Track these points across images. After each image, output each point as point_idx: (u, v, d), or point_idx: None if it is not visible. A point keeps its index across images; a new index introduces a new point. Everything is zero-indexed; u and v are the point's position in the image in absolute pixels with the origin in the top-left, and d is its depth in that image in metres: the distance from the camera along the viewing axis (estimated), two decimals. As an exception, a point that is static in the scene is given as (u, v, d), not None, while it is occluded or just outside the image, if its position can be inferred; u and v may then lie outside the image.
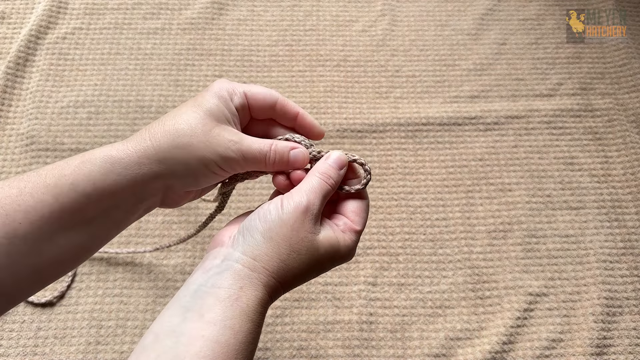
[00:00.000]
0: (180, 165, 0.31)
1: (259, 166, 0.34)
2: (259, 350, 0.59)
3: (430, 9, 0.83)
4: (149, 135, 0.31)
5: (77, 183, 0.29)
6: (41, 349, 0.57)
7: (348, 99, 0.75)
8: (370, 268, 0.64)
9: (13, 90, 0.73)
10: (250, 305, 0.30)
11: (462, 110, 0.75)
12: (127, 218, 0.33)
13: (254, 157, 0.33)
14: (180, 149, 0.31)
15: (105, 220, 0.31)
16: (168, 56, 0.77)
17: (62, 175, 0.29)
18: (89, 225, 0.30)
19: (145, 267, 0.62)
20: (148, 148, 0.31)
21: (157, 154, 0.31)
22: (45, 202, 0.28)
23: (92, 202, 0.30)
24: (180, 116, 0.32)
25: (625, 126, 0.74)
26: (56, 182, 0.29)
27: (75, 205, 0.29)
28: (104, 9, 0.80)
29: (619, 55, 0.79)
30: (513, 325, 0.61)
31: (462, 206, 0.68)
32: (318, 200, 0.33)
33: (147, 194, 0.32)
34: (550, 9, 0.84)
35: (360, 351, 0.59)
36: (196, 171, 0.32)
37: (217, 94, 0.34)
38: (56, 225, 0.29)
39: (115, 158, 0.30)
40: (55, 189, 0.29)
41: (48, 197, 0.29)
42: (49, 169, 0.30)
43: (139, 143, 0.31)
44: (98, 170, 0.30)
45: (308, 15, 0.82)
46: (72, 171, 0.29)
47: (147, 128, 0.32)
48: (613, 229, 0.67)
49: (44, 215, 0.28)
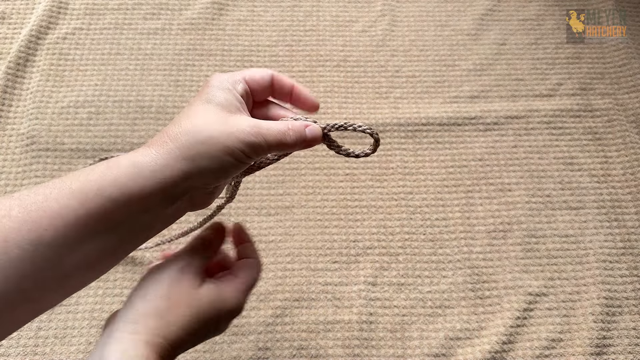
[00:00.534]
0: (206, 160, 0.31)
1: (281, 147, 0.34)
2: (259, 350, 0.59)
3: (430, 9, 0.83)
4: (169, 138, 0.31)
5: (103, 188, 0.29)
6: (41, 349, 0.58)
7: (348, 99, 0.75)
8: (370, 268, 0.64)
9: (13, 90, 0.73)
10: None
11: (462, 110, 0.75)
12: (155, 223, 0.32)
13: (275, 139, 0.33)
14: (204, 144, 0.31)
15: (133, 226, 0.31)
16: (168, 56, 0.77)
17: (87, 180, 0.29)
18: (116, 230, 0.30)
19: (146, 267, 0.62)
20: (172, 150, 0.30)
21: (182, 153, 0.30)
22: (70, 207, 0.28)
23: (119, 207, 0.29)
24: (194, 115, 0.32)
25: (625, 126, 0.74)
26: (82, 187, 0.29)
27: (102, 210, 0.29)
28: (104, 9, 0.80)
29: (619, 55, 0.80)
30: (513, 325, 0.61)
31: (462, 206, 0.68)
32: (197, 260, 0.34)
33: (176, 196, 0.31)
34: (550, 9, 0.84)
35: (360, 351, 0.59)
36: (223, 163, 0.31)
37: (220, 87, 0.34)
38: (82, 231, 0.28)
39: (142, 162, 0.30)
40: (80, 195, 0.28)
41: (74, 203, 0.28)
42: (74, 175, 0.29)
43: (161, 146, 0.31)
44: (125, 175, 0.29)
45: (308, 15, 0.82)
46: (98, 177, 0.29)
47: (164, 132, 0.32)
48: (613, 229, 0.67)
49: (69, 222, 0.28)
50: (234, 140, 0.31)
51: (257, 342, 0.59)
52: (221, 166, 0.32)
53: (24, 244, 0.27)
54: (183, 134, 0.31)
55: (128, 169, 0.29)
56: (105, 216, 0.29)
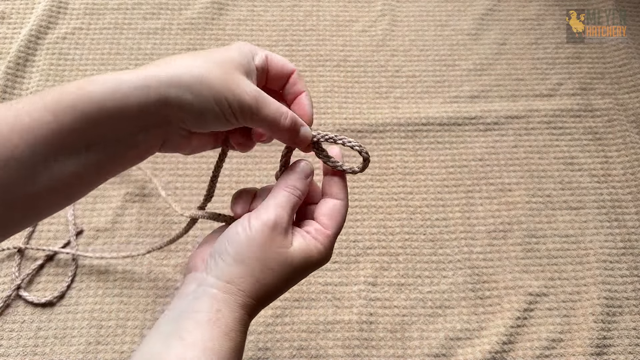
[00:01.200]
0: (192, 95, 0.29)
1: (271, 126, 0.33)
2: (258, 350, 0.59)
3: (430, 9, 0.83)
4: (164, 62, 0.30)
5: (78, 102, 0.27)
6: (41, 349, 0.57)
7: (348, 99, 0.75)
8: (370, 268, 0.64)
9: (13, 90, 0.73)
10: (229, 326, 0.30)
11: (462, 110, 0.75)
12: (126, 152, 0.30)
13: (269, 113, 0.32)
14: (196, 79, 0.29)
15: (106, 149, 0.29)
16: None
17: (62, 93, 0.27)
18: (88, 152, 0.28)
19: (146, 267, 0.62)
20: (161, 72, 0.29)
21: (170, 78, 0.29)
22: (43, 121, 0.26)
23: (93, 124, 0.27)
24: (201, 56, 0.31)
25: (625, 126, 0.74)
26: (57, 101, 0.27)
27: (75, 126, 0.27)
28: (104, 9, 0.80)
29: (619, 55, 0.80)
30: (513, 325, 0.61)
31: (462, 206, 0.68)
32: (286, 214, 0.33)
33: (150, 123, 0.30)
34: (550, 9, 0.84)
35: (360, 351, 0.59)
36: (207, 106, 0.30)
37: (239, 49, 0.33)
38: (54, 147, 0.27)
39: (123, 79, 0.28)
40: (55, 109, 0.27)
41: (47, 116, 0.26)
42: (50, 89, 0.28)
43: (151, 67, 0.29)
44: (103, 90, 0.27)
45: (308, 15, 0.82)
46: (74, 90, 0.27)
47: (162, 58, 0.31)
48: (613, 229, 0.67)
49: (41, 135, 0.26)
50: (227, 89, 0.30)
51: (257, 342, 0.59)
52: (203, 109, 0.30)
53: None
54: (180, 64, 0.30)
55: (107, 84, 0.28)
56: (77, 133, 0.27)
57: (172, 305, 0.31)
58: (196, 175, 0.68)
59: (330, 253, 0.35)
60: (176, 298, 0.32)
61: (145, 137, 0.30)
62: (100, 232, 0.64)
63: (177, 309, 0.31)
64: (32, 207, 0.29)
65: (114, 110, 0.28)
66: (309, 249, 0.33)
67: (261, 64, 0.34)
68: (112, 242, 0.64)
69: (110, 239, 0.64)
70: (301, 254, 0.33)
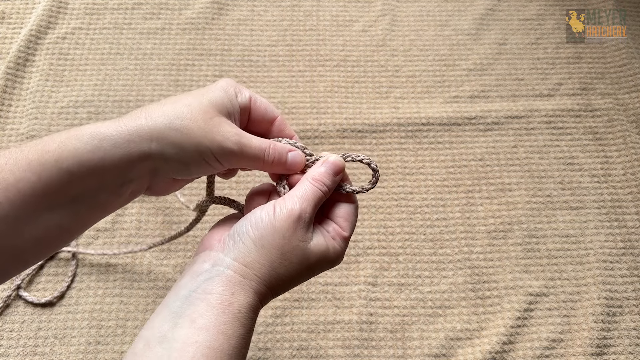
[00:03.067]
0: (173, 148, 0.30)
1: (256, 164, 0.33)
2: (258, 350, 0.59)
3: (430, 9, 0.83)
4: (145, 114, 0.30)
5: (61, 160, 0.27)
6: (41, 349, 0.57)
7: (348, 99, 0.75)
8: (370, 268, 0.64)
9: (13, 90, 0.73)
10: (242, 311, 0.30)
11: (462, 110, 0.75)
12: (112, 201, 0.31)
13: (252, 152, 0.32)
14: (177, 131, 0.30)
15: (90, 201, 0.29)
16: (168, 56, 0.77)
17: (45, 151, 0.28)
18: (72, 205, 0.29)
19: (145, 267, 0.62)
20: (142, 126, 0.29)
21: (151, 132, 0.29)
22: (27, 179, 0.27)
23: (76, 181, 0.28)
24: (181, 101, 0.31)
25: (625, 126, 0.74)
26: (39, 158, 0.27)
27: (59, 183, 0.28)
28: (104, 9, 0.80)
29: (619, 55, 0.79)
30: (513, 325, 0.61)
31: (462, 206, 0.68)
32: (310, 208, 0.33)
33: (134, 175, 0.30)
34: (550, 9, 0.84)
35: (360, 351, 0.59)
36: (189, 158, 0.30)
37: (223, 88, 0.33)
38: (38, 204, 0.27)
39: (104, 134, 0.28)
40: (38, 166, 0.27)
41: (30, 175, 0.27)
42: (32, 145, 0.28)
43: (132, 120, 0.29)
44: (84, 147, 0.28)
45: (308, 15, 0.82)
46: (56, 147, 0.28)
47: (143, 108, 0.31)
48: (613, 229, 0.67)
49: (25, 194, 0.27)
50: (209, 139, 0.30)
51: (257, 342, 0.59)
52: (186, 160, 0.30)
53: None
54: (160, 115, 0.30)
55: (89, 141, 0.28)
56: (62, 189, 0.28)
57: (183, 283, 0.31)
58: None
59: (343, 254, 0.35)
60: (187, 275, 0.31)
61: (129, 187, 0.31)
62: (100, 232, 0.64)
63: (187, 288, 0.30)
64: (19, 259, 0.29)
65: (97, 167, 0.28)
66: (327, 248, 0.33)
67: (244, 103, 0.34)
68: (112, 242, 0.64)
69: (110, 239, 0.64)
70: (319, 250, 0.33)
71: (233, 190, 0.67)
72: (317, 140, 0.71)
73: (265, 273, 0.31)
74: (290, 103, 0.74)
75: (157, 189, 0.33)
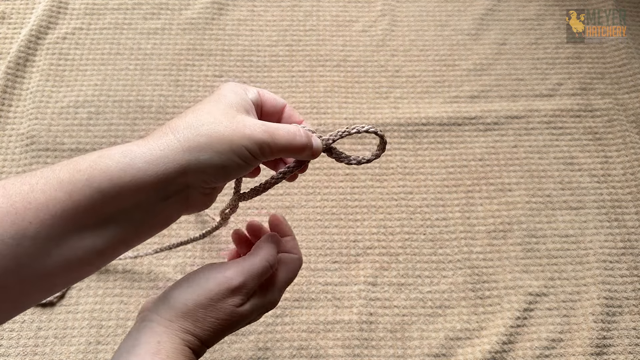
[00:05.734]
0: (208, 154, 0.29)
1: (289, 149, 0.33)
2: (258, 350, 0.59)
3: (430, 9, 0.83)
4: (171, 130, 0.30)
5: (92, 179, 0.27)
6: (41, 349, 0.57)
7: (348, 99, 0.75)
8: (370, 268, 0.64)
9: (13, 90, 0.73)
10: (171, 357, 0.30)
11: (462, 110, 0.75)
12: (148, 222, 0.30)
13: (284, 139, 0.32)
14: (206, 136, 0.29)
15: (124, 222, 0.29)
16: (168, 56, 0.77)
17: (76, 170, 0.27)
18: (105, 226, 0.28)
19: (146, 267, 0.62)
20: (171, 141, 0.29)
21: (182, 145, 0.29)
22: (58, 199, 0.26)
23: (108, 200, 0.27)
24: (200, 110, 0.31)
25: (625, 126, 0.74)
26: (70, 177, 0.27)
27: (90, 203, 0.27)
28: (104, 9, 0.80)
29: (619, 55, 0.79)
30: (513, 325, 0.61)
31: (462, 206, 0.68)
32: (254, 284, 0.34)
33: (170, 191, 0.29)
34: (550, 9, 0.84)
35: (360, 351, 0.59)
36: (225, 159, 0.30)
37: (232, 90, 0.33)
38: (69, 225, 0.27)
39: (136, 152, 0.28)
40: (69, 185, 0.26)
41: (61, 194, 0.26)
42: (63, 164, 0.28)
43: (160, 137, 0.29)
44: (116, 165, 0.27)
45: (308, 15, 0.82)
46: (87, 166, 0.27)
47: (166, 124, 0.30)
48: (613, 229, 0.67)
49: (56, 214, 0.26)
50: (241, 136, 0.30)
51: (257, 342, 0.59)
52: (223, 163, 0.30)
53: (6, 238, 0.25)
54: (186, 127, 0.30)
55: (121, 159, 0.28)
56: (93, 209, 0.27)
57: (120, 345, 0.32)
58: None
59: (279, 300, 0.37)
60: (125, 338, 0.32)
61: (166, 205, 0.30)
62: (101, 232, 0.64)
63: (122, 348, 0.31)
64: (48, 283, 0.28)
65: (130, 185, 0.27)
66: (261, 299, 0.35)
67: (255, 98, 0.35)
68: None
69: (110, 239, 0.64)
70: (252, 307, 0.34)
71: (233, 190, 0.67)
72: (317, 140, 0.71)
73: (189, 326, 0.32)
74: (290, 103, 0.74)
75: (195, 203, 0.32)
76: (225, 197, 0.67)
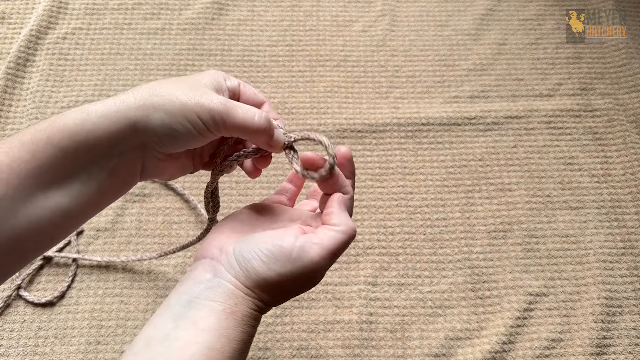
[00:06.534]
0: (158, 113, 0.30)
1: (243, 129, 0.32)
2: (258, 350, 0.59)
3: (430, 9, 0.83)
4: (132, 90, 0.31)
5: (52, 137, 0.28)
6: (41, 349, 0.57)
7: (348, 99, 0.75)
8: (370, 268, 0.64)
9: (13, 90, 0.73)
10: (244, 319, 0.31)
11: (462, 110, 0.75)
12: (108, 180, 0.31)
13: (239, 115, 0.31)
14: (162, 97, 0.30)
15: (85, 179, 0.30)
16: (168, 56, 0.77)
17: (37, 130, 0.28)
18: (68, 184, 0.29)
19: (146, 266, 0.62)
20: (128, 98, 0.30)
21: (137, 102, 0.30)
22: (21, 159, 0.27)
23: (69, 157, 0.29)
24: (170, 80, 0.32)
25: (625, 126, 0.74)
26: (32, 138, 0.28)
27: (52, 160, 0.28)
28: (104, 9, 0.80)
29: (619, 55, 0.80)
30: (513, 325, 0.61)
31: (462, 206, 0.68)
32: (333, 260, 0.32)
33: (123, 148, 0.30)
34: (550, 9, 0.84)
35: (360, 351, 0.59)
36: (175, 122, 0.30)
37: (210, 74, 0.34)
38: (33, 184, 0.28)
39: (91, 108, 0.29)
40: (31, 145, 0.28)
41: (24, 154, 0.28)
42: (25, 129, 0.29)
43: (120, 96, 0.30)
44: (72, 121, 0.29)
45: (308, 15, 0.82)
46: (47, 125, 0.29)
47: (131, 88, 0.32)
48: (613, 229, 0.67)
49: (20, 174, 0.27)
50: (195, 103, 0.30)
51: (257, 342, 0.59)
52: (172, 126, 0.30)
53: None
54: (147, 88, 0.31)
55: (77, 115, 0.29)
56: (55, 166, 0.28)
57: (184, 288, 0.31)
58: (201, 175, 0.69)
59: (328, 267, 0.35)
60: (189, 281, 0.31)
61: (122, 162, 0.31)
62: (101, 232, 0.64)
63: (189, 294, 0.30)
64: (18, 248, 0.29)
65: (88, 139, 0.29)
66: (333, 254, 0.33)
67: (233, 86, 0.35)
68: (112, 242, 0.64)
69: (110, 239, 0.64)
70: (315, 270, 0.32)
71: (233, 190, 0.68)
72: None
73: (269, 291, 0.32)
74: (290, 103, 0.74)
75: (150, 168, 0.33)
76: (224, 196, 0.67)
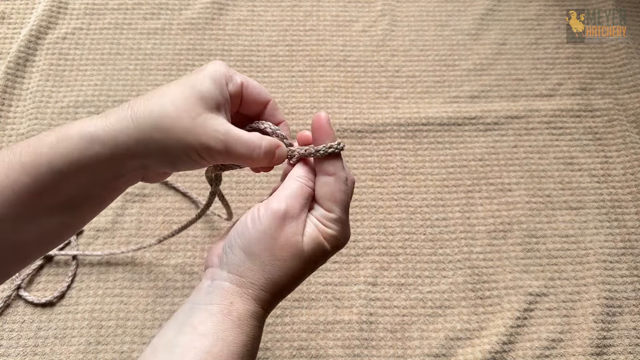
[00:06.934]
0: (159, 148, 0.30)
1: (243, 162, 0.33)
2: (259, 350, 0.59)
3: (430, 9, 0.83)
4: (131, 113, 0.30)
5: (54, 162, 0.28)
6: (41, 349, 0.57)
7: (348, 99, 0.75)
8: (370, 268, 0.64)
9: (13, 90, 0.73)
10: (242, 319, 0.30)
11: (462, 110, 0.75)
12: (108, 194, 0.32)
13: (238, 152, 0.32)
14: (162, 132, 0.30)
15: (86, 198, 0.31)
16: (168, 56, 0.77)
17: (38, 154, 0.29)
18: (70, 203, 0.30)
19: (146, 267, 0.62)
20: (128, 127, 0.30)
21: (137, 133, 0.30)
22: (22, 182, 0.28)
23: (70, 181, 0.29)
24: (168, 95, 0.31)
25: (625, 126, 0.74)
26: (32, 161, 0.28)
27: (53, 184, 0.29)
28: (104, 9, 0.80)
29: (619, 55, 0.79)
30: (513, 325, 0.61)
31: (462, 206, 0.68)
32: (298, 204, 0.32)
33: (124, 171, 0.31)
34: (550, 9, 0.84)
35: (360, 351, 0.59)
36: (175, 156, 0.31)
37: (213, 77, 0.32)
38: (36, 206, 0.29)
39: (93, 135, 0.29)
40: (32, 169, 0.28)
41: (25, 177, 0.28)
42: (23, 147, 0.29)
43: (118, 120, 0.30)
44: (75, 148, 0.29)
45: (308, 15, 0.82)
46: (48, 149, 0.29)
47: (130, 103, 0.31)
48: (613, 229, 0.67)
49: (22, 197, 0.28)
50: (193, 138, 0.30)
51: (257, 342, 0.59)
52: (171, 158, 0.31)
53: None
54: (146, 114, 0.30)
55: (79, 142, 0.29)
56: (57, 190, 0.29)
57: (190, 298, 0.32)
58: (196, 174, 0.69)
59: (346, 233, 0.35)
60: (193, 292, 0.33)
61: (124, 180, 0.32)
62: (101, 232, 0.64)
63: (192, 301, 0.32)
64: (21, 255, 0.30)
65: (88, 165, 0.29)
66: (319, 237, 0.33)
67: (235, 90, 0.34)
68: (112, 242, 0.64)
69: (110, 239, 0.64)
70: (313, 242, 0.32)
71: (233, 190, 0.68)
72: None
73: (260, 279, 0.31)
74: (290, 103, 0.74)
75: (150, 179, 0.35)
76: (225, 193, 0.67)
